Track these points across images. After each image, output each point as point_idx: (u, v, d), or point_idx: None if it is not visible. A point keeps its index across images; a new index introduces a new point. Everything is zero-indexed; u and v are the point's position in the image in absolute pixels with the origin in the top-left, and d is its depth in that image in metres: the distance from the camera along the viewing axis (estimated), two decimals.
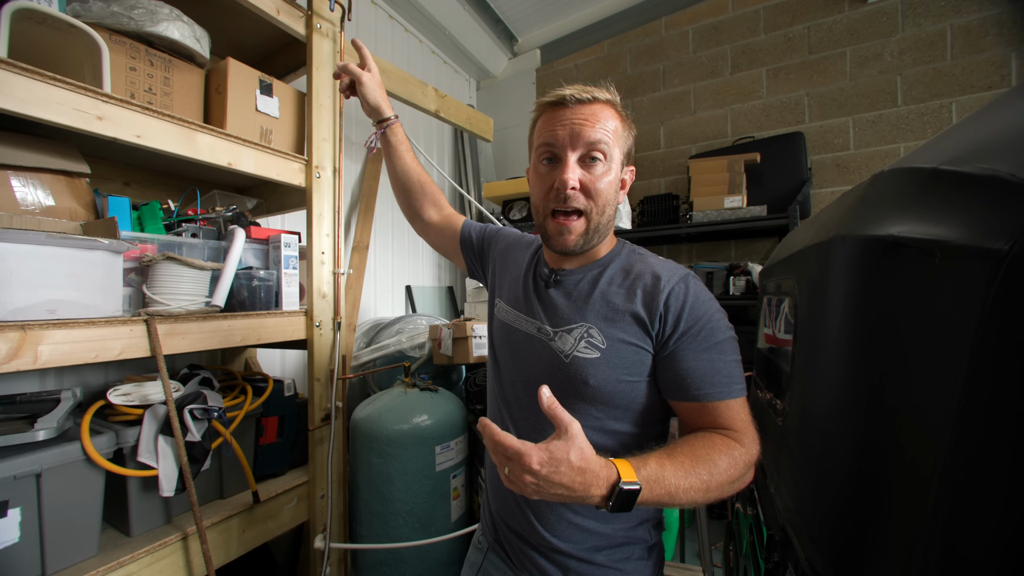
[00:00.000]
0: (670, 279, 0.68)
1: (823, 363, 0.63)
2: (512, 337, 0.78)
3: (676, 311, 0.66)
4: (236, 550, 1.22)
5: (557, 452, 0.51)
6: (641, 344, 0.67)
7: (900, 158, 0.56)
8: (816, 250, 0.68)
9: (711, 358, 0.65)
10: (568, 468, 0.51)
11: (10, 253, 0.83)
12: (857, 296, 0.56)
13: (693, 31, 2.82)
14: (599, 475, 0.53)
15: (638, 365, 0.67)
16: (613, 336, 0.67)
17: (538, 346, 0.73)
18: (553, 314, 0.73)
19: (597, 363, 0.67)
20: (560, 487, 0.51)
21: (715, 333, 0.66)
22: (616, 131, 0.70)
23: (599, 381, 0.67)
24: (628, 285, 0.70)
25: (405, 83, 1.83)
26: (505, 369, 0.80)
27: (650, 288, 0.68)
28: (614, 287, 0.71)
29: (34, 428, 0.93)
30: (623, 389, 0.67)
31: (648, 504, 0.55)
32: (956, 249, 0.43)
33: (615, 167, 0.70)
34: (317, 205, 1.44)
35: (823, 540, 0.61)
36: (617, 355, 0.67)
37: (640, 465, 0.56)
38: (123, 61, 1.10)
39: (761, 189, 2.38)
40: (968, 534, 0.43)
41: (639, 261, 0.73)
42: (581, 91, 0.69)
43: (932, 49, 2.21)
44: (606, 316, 0.69)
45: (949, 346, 0.44)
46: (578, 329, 0.69)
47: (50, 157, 1.06)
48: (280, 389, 1.43)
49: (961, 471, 0.43)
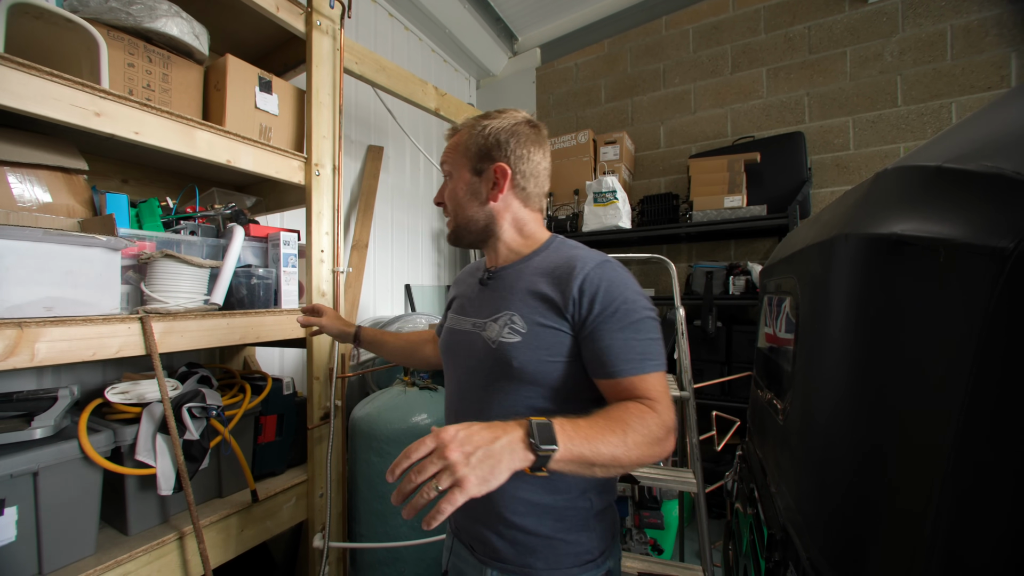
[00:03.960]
0: (585, 266, 0.73)
1: (825, 362, 0.63)
2: (453, 338, 0.87)
3: (591, 294, 0.71)
4: (235, 549, 1.21)
5: (459, 426, 0.55)
6: (558, 327, 0.73)
7: (903, 156, 0.56)
8: (818, 249, 0.68)
9: (626, 337, 0.69)
10: (478, 428, 0.54)
11: (7, 250, 0.83)
12: (860, 295, 0.56)
13: (694, 30, 2.82)
14: (507, 426, 0.56)
15: (558, 346, 0.73)
16: (532, 320, 0.74)
17: (473, 339, 0.80)
18: (484, 308, 0.81)
19: (519, 346, 0.73)
20: (481, 444, 0.53)
21: (630, 314, 0.70)
22: (456, 149, 0.83)
23: (522, 362, 0.73)
24: (547, 274, 0.76)
25: (405, 81, 1.83)
26: (448, 367, 0.88)
27: (566, 275, 0.73)
28: (535, 277, 0.77)
29: (31, 426, 0.93)
30: (545, 368, 0.73)
31: (573, 454, 0.56)
32: (960, 247, 0.43)
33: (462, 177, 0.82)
34: (316, 203, 1.43)
35: (825, 539, 0.61)
36: (536, 337, 0.73)
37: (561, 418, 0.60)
38: (121, 57, 1.09)
39: (761, 189, 2.38)
40: (972, 534, 0.42)
41: (562, 253, 0.79)
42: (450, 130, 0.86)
43: (932, 49, 2.21)
44: (526, 303, 0.75)
45: (954, 345, 0.44)
46: (503, 317, 0.76)
47: (48, 153, 1.06)
48: (279, 388, 1.43)
49: (965, 470, 0.42)
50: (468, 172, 0.81)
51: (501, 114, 0.82)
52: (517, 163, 0.79)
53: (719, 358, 2.38)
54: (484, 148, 0.80)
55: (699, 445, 1.43)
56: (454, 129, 0.86)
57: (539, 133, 0.83)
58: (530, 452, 0.54)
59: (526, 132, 0.81)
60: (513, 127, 0.80)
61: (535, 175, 0.81)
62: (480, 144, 0.80)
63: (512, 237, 0.83)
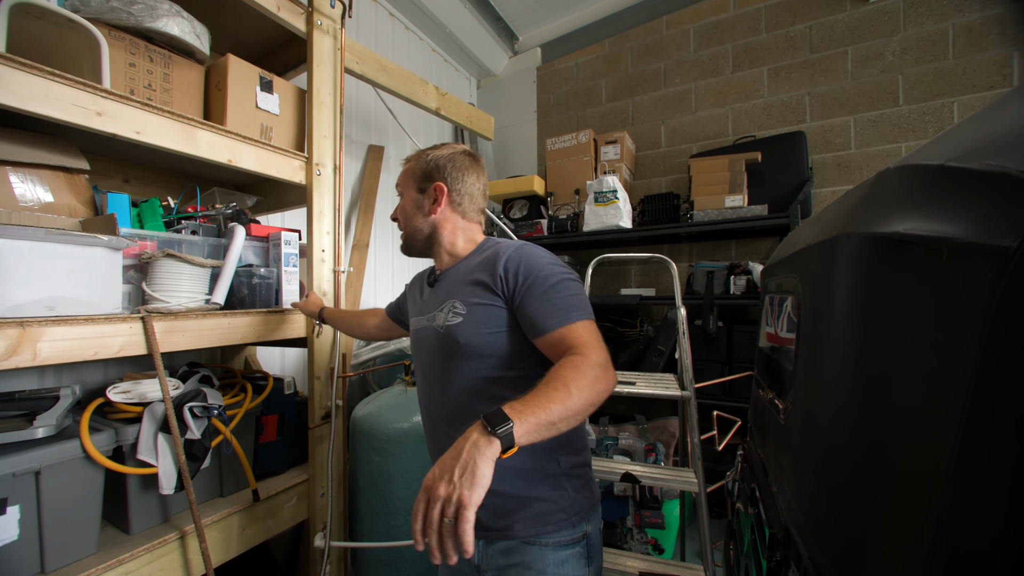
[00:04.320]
0: (507, 251, 0.86)
1: (827, 362, 0.63)
2: (415, 337, 0.98)
3: (514, 271, 0.83)
4: (236, 548, 1.21)
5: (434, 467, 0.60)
6: (492, 303, 0.84)
7: (905, 156, 0.56)
8: (820, 248, 0.68)
9: (549, 298, 0.80)
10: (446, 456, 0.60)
11: (9, 250, 0.83)
12: (862, 294, 0.56)
13: (694, 30, 2.81)
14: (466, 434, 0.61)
15: (495, 319, 0.84)
16: (470, 302, 0.86)
17: (428, 332, 0.92)
18: (432, 304, 0.93)
19: (462, 324, 0.85)
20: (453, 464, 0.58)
21: (548, 279, 0.81)
22: (406, 174, 1.00)
23: (466, 337, 0.84)
24: (479, 265, 0.89)
25: (406, 81, 1.83)
26: (415, 363, 0.99)
27: (492, 261, 0.86)
28: (471, 270, 0.90)
29: (33, 425, 0.93)
30: (488, 340, 0.83)
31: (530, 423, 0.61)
32: (963, 247, 0.42)
33: (409, 195, 0.99)
34: (317, 203, 1.43)
35: (826, 539, 0.61)
36: (475, 315, 0.84)
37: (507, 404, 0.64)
38: (122, 57, 1.09)
39: (762, 188, 2.37)
40: (973, 534, 0.42)
41: (491, 248, 0.92)
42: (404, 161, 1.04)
43: (934, 48, 2.20)
44: (465, 291, 0.88)
45: (956, 344, 0.44)
46: (447, 305, 0.88)
47: (49, 153, 1.06)
48: (280, 387, 1.43)
49: (967, 471, 0.42)
50: (414, 191, 0.98)
51: (443, 146, 0.99)
52: (453, 183, 0.95)
53: (720, 358, 2.38)
54: (427, 171, 0.96)
55: (700, 445, 1.43)
56: (407, 160, 1.03)
57: (475, 162, 0.99)
58: (493, 439, 0.59)
59: (462, 160, 0.97)
60: (451, 155, 0.97)
61: (470, 194, 0.97)
62: (424, 168, 0.97)
63: (452, 243, 0.97)
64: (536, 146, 3.40)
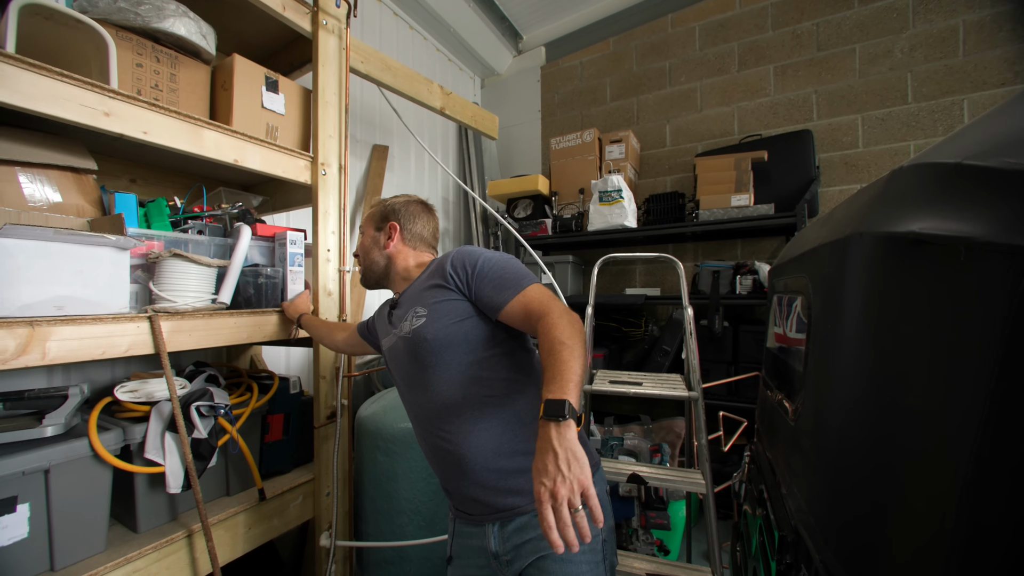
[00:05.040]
0: (449, 254, 0.96)
1: (839, 363, 0.62)
2: (388, 355, 1.05)
3: (460, 265, 0.92)
4: (242, 547, 1.22)
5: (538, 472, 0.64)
6: (450, 298, 0.92)
7: (919, 154, 0.55)
8: (831, 248, 0.67)
9: (498, 275, 0.89)
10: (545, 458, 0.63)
11: (18, 249, 0.83)
12: (876, 294, 0.55)
13: (700, 28, 2.80)
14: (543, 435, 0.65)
15: (456, 310, 0.91)
16: (428, 303, 0.93)
17: (398, 344, 0.98)
18: (397, 320, 1.01)
19: (426, 323, 0.91)
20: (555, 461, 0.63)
21: (491, 261, 0.91)
22: (368, 217, 1.14)
23: (433, 332, 0.90)
24: (430, 275, 0.99)
25: (411, 80, 1.83)
26: (395, 380, 1.05)
27: (440, 266, 0.96)
28: (423, 281, 1.00)
29: (42, 424, 0.93)
30: (454, 330, 0.89)
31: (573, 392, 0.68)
32: (981, 245, 0.42)
33: (368, 233, 1.13)
34: (323, 202, 1.43)
35: (838, 542, 0.60)
36: (436, 311, 0.91)
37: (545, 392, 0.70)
38: (130, 57, 1.09)
39: (768, 187, 2.36)
40: (990, 538, 0.42)
41: (438, 259, 1.02)
42: None
43: (944, 45, 2.18)
44: (421, 297, 0.96)
45: (973, 345, 0.43)
46: (409, 313, 0.96)
47: (57, 153, 1.06)
48: (285, 387, 1.43)
49: (984, 473, 0.42)
50: (372, 230, 1.12)
51: (400, 196, 1.16)
52: (405, 223, 1.10)
53: (726, 358, 2.36)
54: (384, 214, 1.11)
55: (708, 446, 1.42)
56: (370, 206, 1.15)
57: (427, 209, 1.15)
58: (568, 422, 0.65)
59: (415, 207, 1.13)
60: (405, 202, 1.13)
61: (420, 234, 1.11)
62: (381, 212, 1.12)
63: (405, 268, 1.09)
64: (540, 145, 3.39)
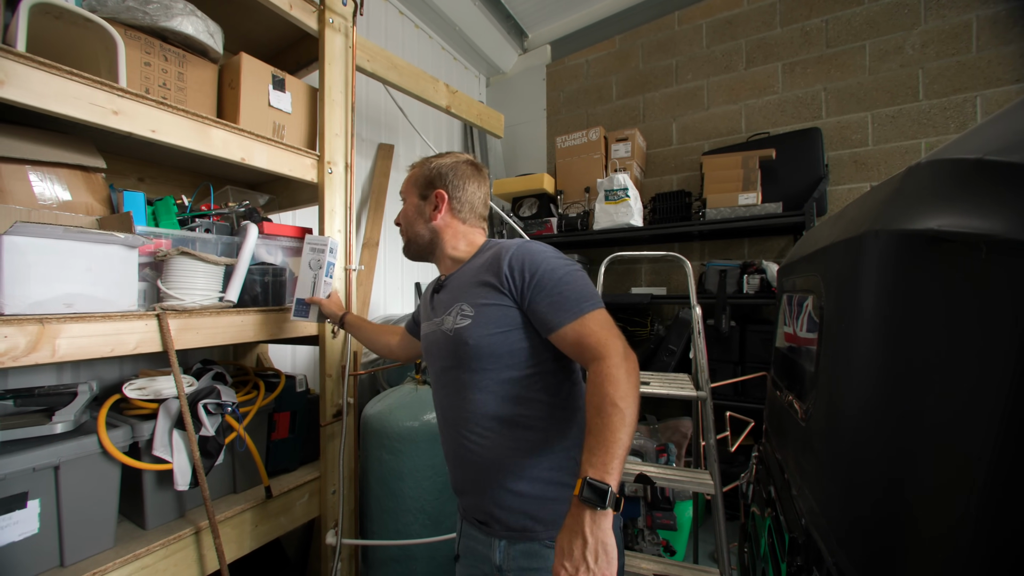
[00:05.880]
0: (508, 249, 0.86)
1: (853, 363, 0.61)
2: (425, 341, 0.99)
3: (519, 269, 0.82)
4: (249, 544, 1.22)
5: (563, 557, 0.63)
6: (500, 303, 0.83)
7: (936, 150, 0.54)
8: (845, 246, 0.66)
9: (559, 291, 0.79)
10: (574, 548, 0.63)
11: (29, 247, 0.84)
12: (892, 294, 0.54)
13: (707, 25, 2.77)
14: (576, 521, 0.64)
15: (504, 318, 0.83)
16: (477, 303, 0.85)
17: (437, 336, 0.92)
18: (441, 307, 0.93)
19: (470, 327, 0.84)
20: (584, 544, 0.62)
21: (554, 273, 0.81)
22: (410, 180, 1.02)
23: (475, 339, 0.83)
24: (483, 267, 0.89)
25: (416, 79, 1.82)
26: (428, 367, 0.99)
27: (495, 262, 0.86)
28: (475, 273, 0.90)
29: (52, 421, 0.94)
30: (498, 340, 0.83)
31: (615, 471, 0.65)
32: (1003, 243, 0.41)
33: (411, 201, 1.01)
34: (329, 201, 1.43)
35: (852, 544, 0.59)
36: (483, 316, 0.84)
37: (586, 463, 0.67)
38: (138, 56, 1.10)
39: (776, 186, 2.33)
40: (1011, 542, 0.41)
41: (493, 249, 0.92)
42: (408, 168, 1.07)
43: (956, 41, 2.15)
44: (471, 292, 0.88)
45: (994, 346, 0.42)
46: (454, 308, 0.88)
47: (67, 152, 1.07)
48: (292, 385, 1.43)
49: (1004, 476, 0.41)
50: (416, 197, 1.00)
51: (447, 155, 1.02)
52: (454, 191, 0.97)
53: (732, 358, 2.34)
54: (429, 179, 0.98)
55: (716, 446, 1.41)
56: (411, 166, 1.05)
57: (477, 171, 1.00)
58: (606, 512, 0.63)
59: (464, 168, 0.98)
60: (454, 164, 0.98)
61: (470, 202, 0.98)
62: (426, 176, 0.99)
63: (453, 247, 0.98)
64: (546, 144, 3.38)
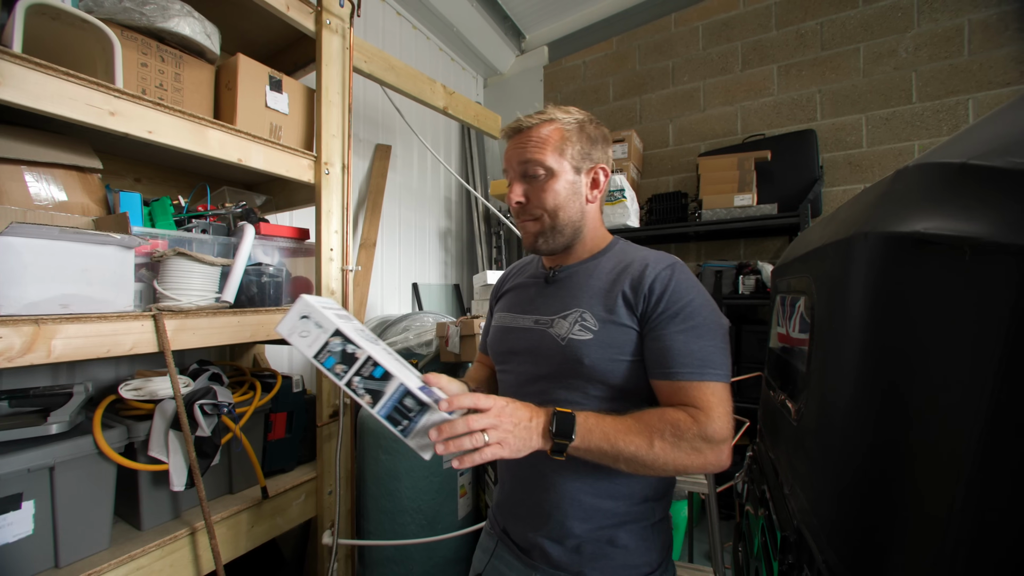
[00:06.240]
0: (657, 264, 0.74)
1: (843, 363, 0.62)
2: (511, 336, 0.84)
3: (659, 292, 0.71)
4: (245, 545, 1.22)
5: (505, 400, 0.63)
6: (630, 324, 0.72)
7: (924, 153, 0.55)
8: (835, 248, 0.66)
9: (687, 339, 0.68)
10: (519, 405, 0.63)
11: (25, 248, 0.84)
12: (880, 294, 0.55)
13: (703, 27, 2.79)
14: (537, 411, 0.64)
15: (628, 344, 0.72)
16: (604, 318, 0.73)
17: (535, 336, 0.79)
18: (550, 305, 0.80)
19: (591, 344, 0.72)
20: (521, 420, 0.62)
21: (694, 316, 0.69)
22: (555, 145, 0.76)
23: (593, 360, 0.72)
24: (619, 272, 0.76)
25: (414, 80, 1.83)
26: (504, 364, 0.87)
27: (638, 273, 0.73)
28: (606, 275, 0.77)
29: (47, 422, 0.94)
30: (614, 367, 0.72)
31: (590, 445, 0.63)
32: (987, 245, 0.41)
33: (562, 175, 0.77)
34: (326, 201, 1.43)
35: (841, 542, 0.60)
36: (608, 335, 0.72)
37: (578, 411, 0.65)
38: (135, 57, 1.10)
39: (771, 187, 2.35)
40: (996, 542, 0.41)
41: (631, 252, 0.80)
42: (526, 119, 0.79)
43: (949, 45, 2.17)
44: (598, 301, 0.75)
45: (978, 346, 0.43)
46: (572, 314, 0.75)
47: (63, 152, 1.07)
48: (288, 385, 1.44)
49: (989, 475, 0.41)
50: (571, 171, 0.78)
51: (581, 113, 0.80)
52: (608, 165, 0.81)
53: None
54: (586, 148, 0.78)
55: None
56: (543, 120, 0.78)
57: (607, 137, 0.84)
58: (548, 439, 0.62)
59: (605, 135, 0.82)
60: (598, 127, 0.80)
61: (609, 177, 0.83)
62: (584, 143, 0.78)
63: (593, 239, 0.82)
64: None
